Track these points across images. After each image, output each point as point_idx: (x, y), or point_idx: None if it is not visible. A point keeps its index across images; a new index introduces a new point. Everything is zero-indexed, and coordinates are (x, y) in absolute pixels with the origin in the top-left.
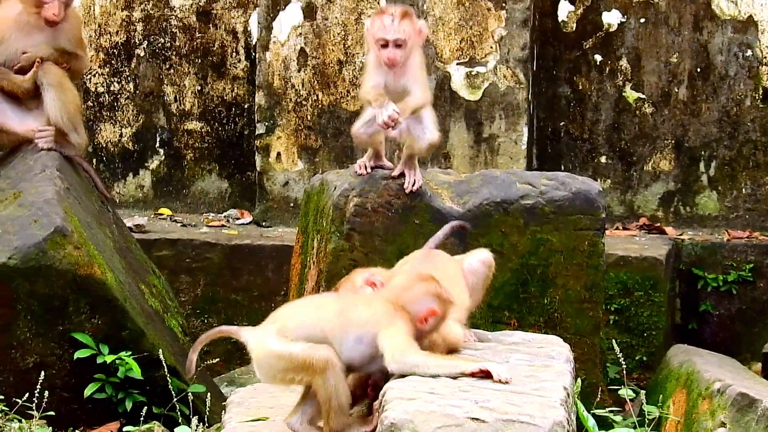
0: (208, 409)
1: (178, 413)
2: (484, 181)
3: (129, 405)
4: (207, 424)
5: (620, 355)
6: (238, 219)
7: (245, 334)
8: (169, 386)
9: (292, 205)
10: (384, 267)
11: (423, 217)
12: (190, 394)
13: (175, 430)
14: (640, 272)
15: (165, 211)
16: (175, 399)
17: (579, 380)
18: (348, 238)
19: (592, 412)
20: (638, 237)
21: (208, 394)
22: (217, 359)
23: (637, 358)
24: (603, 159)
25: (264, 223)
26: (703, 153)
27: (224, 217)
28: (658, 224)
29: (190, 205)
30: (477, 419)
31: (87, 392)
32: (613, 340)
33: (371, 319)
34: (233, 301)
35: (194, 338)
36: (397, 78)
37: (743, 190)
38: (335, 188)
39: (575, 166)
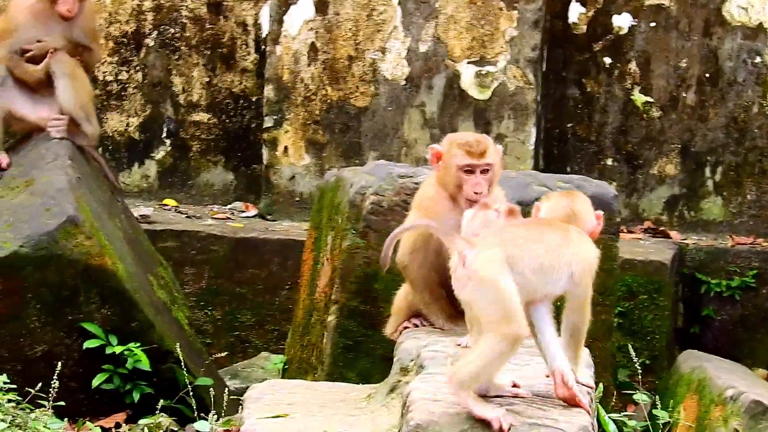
0: (225, 402)
1: (193, 405)
2: (500, 181)
3: (137, 396)
4: (216, 418)
5: (636, 359)
6: (242, 212)
7: (462, 244)
8: (177, 378)
9: (297, 199)
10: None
11: None
12: (195, 386)
13: (194, 425)
14: (646, 276)
15: (170, 201)
16: (182, 392)
17: (601, 385)
18: (363, 236)
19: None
20: (643, 240)
21: (210, 388)
22: (226, 353)
23: (639, 361)
24: (609, 161)
25: (269, 217)
26: (709, 158)
27: (229, 209)
28: (663, 228)
29: (194, 196)
30: None
31: (95, 383)
32: (629, 345)
33: (584, 255)
34: (237, 294)
35: (199, 332)
36: None
37: (748, 196)
38: (351, 185)
39: (581, 168)
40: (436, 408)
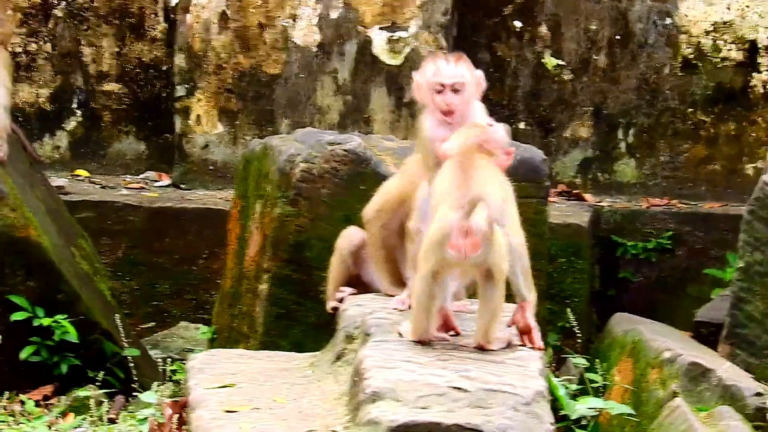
0: (168, 373)
1: (121, 376)
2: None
3: (64, 368)
4: (142, 389)
5: (575, 323)
6: (156, 181)
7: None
8: (104, 349)
9: (211, 168)
10: (330, 234)
11: (369, 183)
12: (128, 357)
13: (140, 396)
14: (564, 239)
15: (82, 172)
16: (110, 362)
17: (550, 349)
18: (294, 204)
19: None
20: (558, 203)
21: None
22: (153, 323)
23: (559, 324)
24: (522, 125)
25: (183, 186)
26: (621, 120)
27: (142, 179)
28: (577, 191)
29: (106, 166)
30: (459, 388)
31: (22, 355)
32: (568, 309)
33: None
34: (155, 263)
35: (120, 302)
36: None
37: (661, 157)
38: (280, 153)
39: None
40: (391, 375)
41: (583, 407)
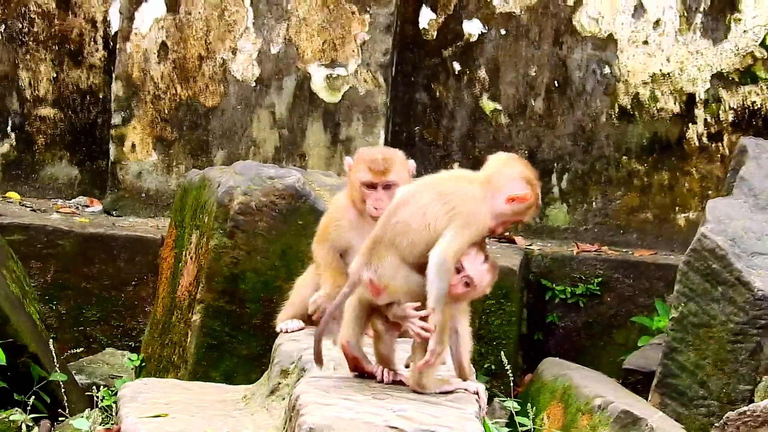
0: (100, 399)
1: (47, 401)
2: None
3: None
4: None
5: (508, 366)
6: (87, 207)
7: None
8: (31, 373)
9: (143, 195)
10: (266, 267)
11: (306, 219)
12: (56, 382)
13: (72, 422)
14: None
15: (13, 195)
16: (37, 386)
17: (486, 392)
18: (231, 236)
19: None
20: (489, 246)
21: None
22: (82, 348)
23: (485, 366)
24: (456, 166)
25: (114, 213)
26: (556, 165)
27: (73, 204)
28: (508, 234)
29: (38, 190)
30: (396, 428)
31: None
32: (502, 353)
33: None
34: (83, 289)
35: (47, 326)
36: None
37: (593, 204)
38: (219, 185)
39: (428, 172)
40: (329, 413)
41: None
